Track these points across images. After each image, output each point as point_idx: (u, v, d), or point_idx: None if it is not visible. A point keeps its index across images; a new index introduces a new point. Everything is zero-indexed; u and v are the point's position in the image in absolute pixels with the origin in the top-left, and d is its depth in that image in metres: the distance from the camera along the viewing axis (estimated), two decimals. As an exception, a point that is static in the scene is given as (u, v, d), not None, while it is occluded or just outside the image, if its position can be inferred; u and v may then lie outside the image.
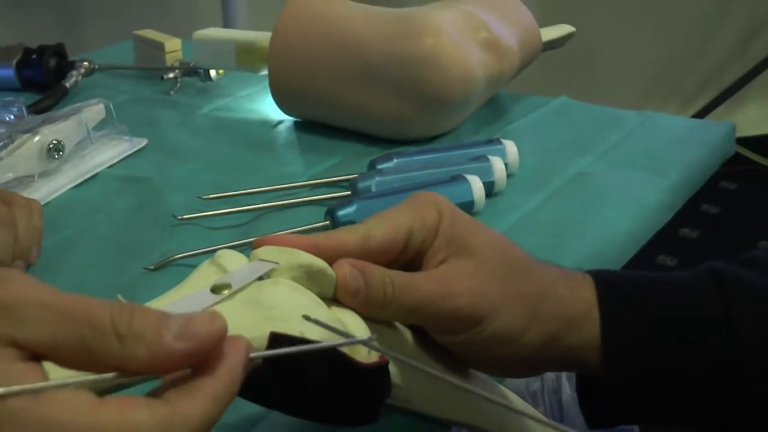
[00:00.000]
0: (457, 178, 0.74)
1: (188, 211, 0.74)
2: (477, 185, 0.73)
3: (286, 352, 0.38)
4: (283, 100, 0.93)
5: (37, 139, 0.80)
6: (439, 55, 0.83)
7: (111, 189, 0.83)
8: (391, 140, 0.88)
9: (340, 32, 0.87)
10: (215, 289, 0.41)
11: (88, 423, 0.30)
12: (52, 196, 0.81)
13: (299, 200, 0.77)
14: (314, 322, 0.42)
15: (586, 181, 0.81)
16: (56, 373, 0.32)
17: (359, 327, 0.45)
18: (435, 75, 0.83)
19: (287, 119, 0.96)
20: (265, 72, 0.92)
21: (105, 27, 1.78)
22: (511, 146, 0.81)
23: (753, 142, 2.32)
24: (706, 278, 0.50)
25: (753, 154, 2.28)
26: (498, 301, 0.46)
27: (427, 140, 0.89)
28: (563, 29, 1.04)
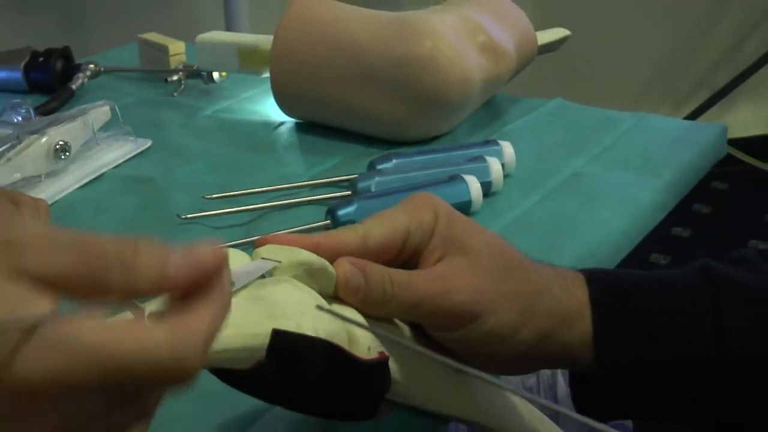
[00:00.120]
0: (455, 179, 0.74)
1: (192, 210, 0.74)
2: (474, 185, 0.73)
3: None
4: (285, 102, 0.93)
5: (44, 140, 0.80)
6: (437, 58, 0.83)
7: (116, 189, 0.83)
8: (391, 141, 0.88)
9: (340, 35, 0.87)
10: (218, 287, 0.41)
11: (106, 340, 0.30)
12: (59, 196, 0.80)
13: (300, 200, 0.77)
14: (327, 311, 0.43)
15: (581, 182, 0.81)
16: None
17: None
18: (433, 77, 0.83)
19: (288, 121, 0.96)
20: (267, 74, 0.92)
21: (110, 30, 1.77)
22: (507, 147, 0.81)
23: (744, 144, 2.32)
24: (698, 277, 0.50)
25: (744, 155, 2.28)
26: (494, 298, 0.47)
27: (425, 141, 0.89)
28: (558, 33, 1.04)
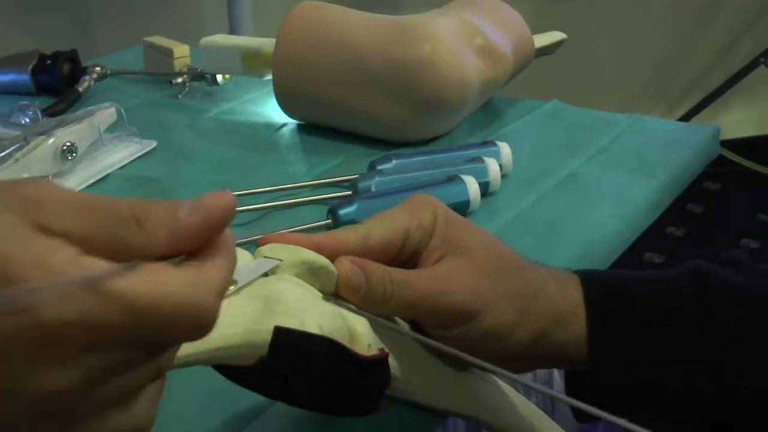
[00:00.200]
0: (454, 179, 0.74)
1: (196, 210, 0.74)
2: (473, 185, 0.73)
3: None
4: (287, 104, 0.93)
5: (51, 141, 0.80)
6: (436, 61, 0.83)
7: (122, 189, 0.83)
8: (391, 142, 0.88)
9: (341, 39, 0.87)
10: (222, 285, 0.41)
11: (132, 281, 0.30)
12: (66, 196, 0.80)
13: (302, 200, 0.77)
14: (334, 302, 0.43)
15: (577, 182, 0.81)
16: None
17: (360, 321, 0.45)
18: (432, 80, 0.83)
19: (290, 122, 0.96)
20: (270, 77, 0.92)
21: (116, 34, 1.77)
22: (505, 148, 0.81)
23: (736, 145, 2.32)
24: (689, 278, 0.50)
25: (736, 156, 2.28)
26: (491, 298, 0.47)
27: (424, 142, 0.89)
28: (555, 36, 1.04)
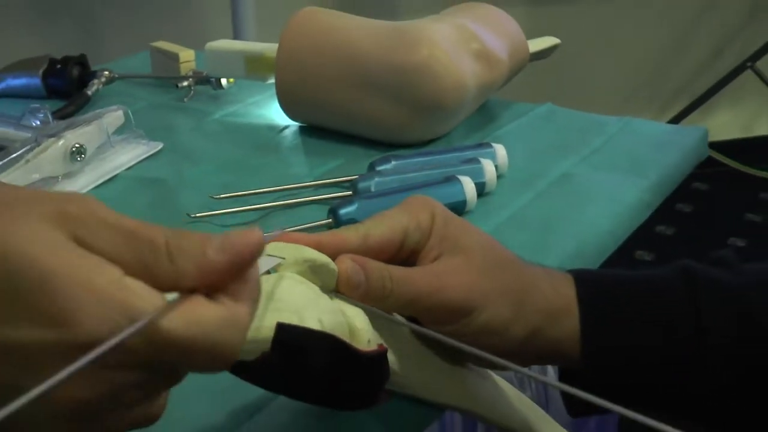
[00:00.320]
0: (451, 179, 0.73)
1: (201, 209, 0.74)
2: (469, 186, 0.73)
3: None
4: (289, 107, 0.93)
5: (61, 142, 0.80)
6: (434, 65, 0.83)
7: (129, 189, 0.82)
8: (390, 144, 0.88)
9: (342, 44, 0.87)
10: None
11: (173, 318, 0.31)
12: (75, 196, 0.80)
13: (304, 200, 0.77)
14: (336, 296, 0.43)
15: (571, 182, 0.81)
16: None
17: (359, 318, 0.45)
18: (430, 83, 0.83)
19: (292, 124, 0.96)
20: (272, 81, 0.92)
21: (124, 39, 1.77)
22: (500, 149, 0.81)
23: (724, 146, 2.32)
24: (679, 278, 0.50)
25: (724, 158, 2.28)
26: (487, 295, 0.47)
27: (422, 144, 0.88)
28: (548, 41, 1.04)
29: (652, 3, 2.43)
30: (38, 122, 0.89)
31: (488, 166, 0.77)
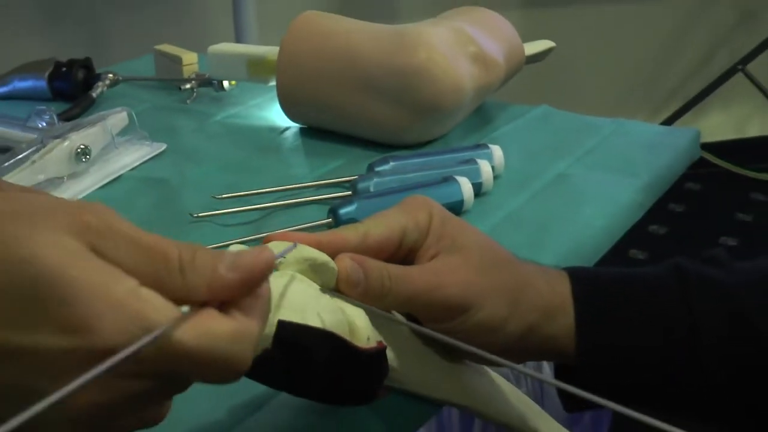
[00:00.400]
0: (448, 180, 0.73)
1: (203, 209, 0.74)
2: (466, 186, 0.73)
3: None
4: (290, 109, 0.93)
5: (66, 144, 0.80)
6: (432, 68, 0.83)
7: (133, 189, 0.82)
8: (388, 145, 0.88)
9: (342, 47, 0.86)
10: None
11: (185, 331, 0.31)
12: (80, 196, 0.80)
13: (304, 199, 0.77)
14: (335, 295, 0.43)
15: (566, 182, 0.81)
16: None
17: (359, 315, 0.44)
18: (428, 86, 0.83)
19: (293, 126, 0.96)
20: (273, 83, 0.92)
21: (128, 42, 1.77)
22: (497, 150, 0.81)
23: (715, 147, 2.32)
24: (672, 276, 0.50)
25: (715, 158, 2.28)
26: (483, 292, 0.46)
27: (420, 145, 0.88)
28: (544, 44, 1.04)
29: (644, 8, 2.43)
30: (44, 124, 0.89)
31: (485, 167, 0.77)
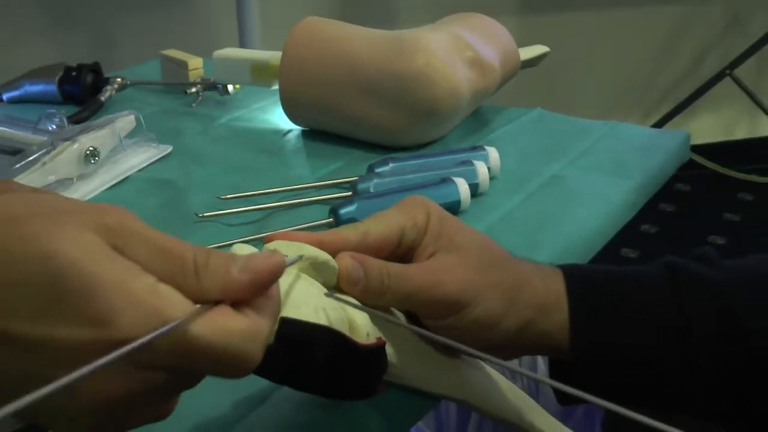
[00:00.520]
0: (446, 181, 0.73)
1: (208, 209, 0.74)
2: (463, 187, 0.73)
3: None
4: (292, 112, 0.92)
5: (75, 146, 0.80)
6: (430, 73, 0.83)
7: (140, 190, 0.82)
8: (388, 147, 0.88)
9: (342, 52, 0.86)
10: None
11: (200, 324, 0.31)
12: (89, 197, 0.80)
13: (306, 200, 0.77)
14: (334, 297, 0.43)
15: (560, 183, 0.81)
16: None
17: (359, 312, 0.44)
18: (426, 89, 0.83)
19: (296, 128, 0.95)
20: (276, 87, 0.92)
21: (136, 48, 1.77)
22: (493, 152, 0.80)
23: (704, 149, 2.32)
24: (662, 274, 0.50)
25: (704, 160, 2.28)
26: (480, 289, 0.46)
27: (419, 147, 0.88)
28: (539, 49, 1.04)
29: (636, 14, 2.43)
30: (54, 126, 0.89)
31: (481, 168, 0.77)
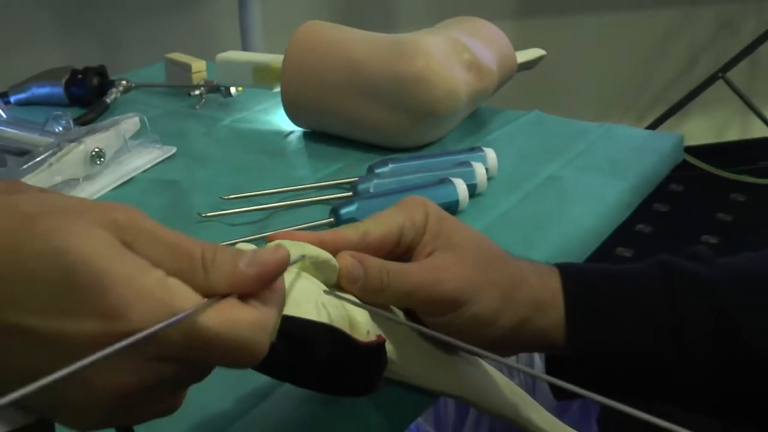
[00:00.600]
0: (444, 181, 0.73)
1: (211, 209, 0.74)
2: (461, 187, 0.73)
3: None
4: (294, 113, 0.92)
5: (81, 147, 0.79)
6: (429, 75, 0.83)
7: (145, 190, 0.82)
8: (388, 148, 0.88)
9: (343, 54, 0.86)
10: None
11: (208, 315, 0.32)
12: (95, 197, 0.80)
13: (307, 200, 0.77)
14: (334, 295, 0.43)
15: (556, 184, 0.81)
16: None
17: (359, 310, 0.44)
18: (425, 92, 0.83)
19: (297, 130, 0.95)
20: (278, 89, 0.92)
21: (141, 51, 1.77)
22: (491, 153, 0.80)
23: (697, 151, 2.32)
24: (656, 273, 0.50)
25: (697, 161, 2.28)
26: (478, 287, 0.46)
27: (418, 148, 0.88)
28: (535, 53, 1.03)
29: (630, 18, 2.43)
30: (61, 128, 0.88)
31: (479, 169, 0.77)
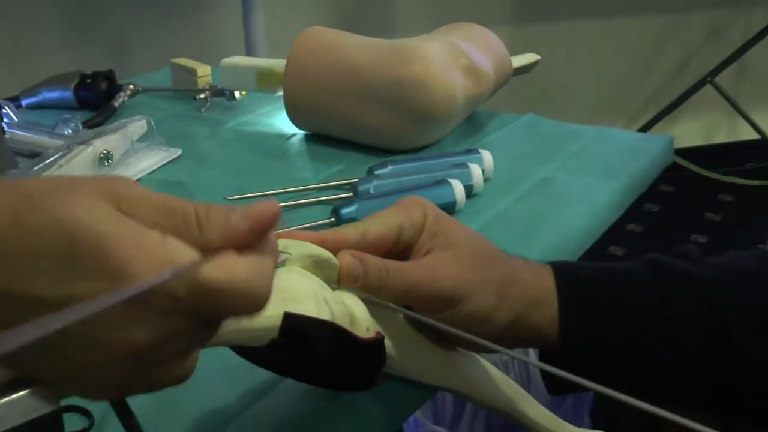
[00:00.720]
0: (442, 182, 0.73)
1: (216, 209, 0.73)
2: (458, 188, 0.73)
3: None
4: (296, 117, 0.92)
5: (90, 149, 0.79)
6: (428, 80, 0.83)
7: (151, 191, 0.82)
8: (387, 150, 0.88)
9: (344, 59, 0.86)
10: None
11: (208, 268, 0.32)
12: (102, 197, 0.80)
13: (309, 200, 0.76)
14: (342, 289, 0.43)
15: (550, 185, 0.80)
16: None
17: (359, 308, 0.44)
18: (424, 96, 0.83)
19: (299, 132, 0.95)
20: (281, 93, 0.92)
21: (148, 56, 1.77)
22: (487, 155, 0.80)
23: (687, 152, 2.33)
24: (648, 270, 0.50)
25: (687, 163, 2.29)
26: (474, 285, 0.46)
27: (416, 150, 0.88)
28: (530, 57, 1.03)
29: (622, 25, 2.43)
30: (70, 131, 0.88)
31: (476, 171, 0.76)
